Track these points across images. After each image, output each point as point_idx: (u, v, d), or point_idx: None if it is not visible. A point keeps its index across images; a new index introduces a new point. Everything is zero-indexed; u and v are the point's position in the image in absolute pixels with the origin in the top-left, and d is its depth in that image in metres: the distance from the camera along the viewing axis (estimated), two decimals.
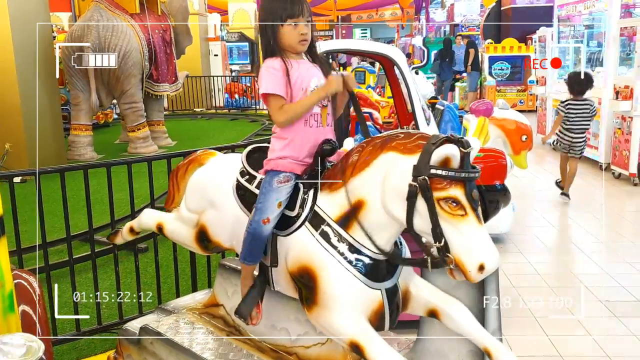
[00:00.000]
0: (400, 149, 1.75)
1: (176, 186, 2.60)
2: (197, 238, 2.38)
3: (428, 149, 1.66)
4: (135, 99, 9.11)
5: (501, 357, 1.82)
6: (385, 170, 1.77)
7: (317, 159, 2.04)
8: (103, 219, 4.25)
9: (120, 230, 2.80)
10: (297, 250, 1.98)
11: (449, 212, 1.64)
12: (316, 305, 1.90)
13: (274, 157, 2.07)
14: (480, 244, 1.64)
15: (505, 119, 4.91)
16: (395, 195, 1.74)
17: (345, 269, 1.86)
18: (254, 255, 2.06)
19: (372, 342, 1.81)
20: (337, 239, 1.89)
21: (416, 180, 1.66)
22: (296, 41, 2.04)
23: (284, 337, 2.32)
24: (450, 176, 1.64)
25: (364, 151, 1.86)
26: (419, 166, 1.67)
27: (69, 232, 3.24)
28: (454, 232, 1.65)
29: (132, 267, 3.46)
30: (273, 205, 1.99)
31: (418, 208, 1.69)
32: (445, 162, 1.65)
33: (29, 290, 2.17)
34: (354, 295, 1.86)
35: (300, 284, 1.98)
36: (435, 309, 1.97)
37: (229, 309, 2.57)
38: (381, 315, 1.90)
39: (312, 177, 2.03)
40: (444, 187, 1.64)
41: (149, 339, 2.56)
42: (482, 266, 1.63)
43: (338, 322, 1.86)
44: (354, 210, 1.87)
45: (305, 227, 1.96)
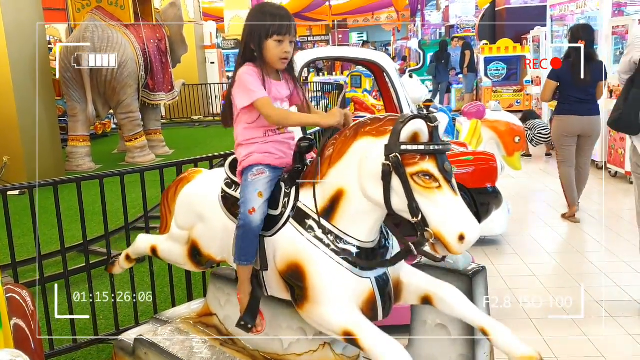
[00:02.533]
0: (372, 133, 1.79)
1: (168, 209, 2.62)
2: (190, 254, 2.40)
3: (397, 127, 1.71)
4: (132, 109, 9.14)
5: (497, 333, 1.83)
6: (360, 156, 1.81)
7: (297, 157, 2.07)
8: (99, 230, 4.27)
9: (117, 260, 2.82)
10: (284, 248, 1.99)
11: (423, 186, 1.67)
12: (307, 301, 1.91)
13: (240, 159, 2.15)
14: (458, 214, 1.66)
15: (498, 121, 4.94)
16: (372, 178, 1.77)
17: (332, 260, 1.88)
18: (247, 253, 2.06)
19: (365, 330, 1.80)
20: (322, 232, 1.91)
21: (388, 158, 1.70)
22: (278, 58, 2.07)
23: (277, 345, 2.33)
24: (420, 150, 1.67)
25: (338, 142, 1.90)
26: (389, 145, 1.71)
27: (63, 244, 3.25)
28: (430, 205, 1.67)
29: (127, 278, 3.47)
30: (253, 196, 2.02)
31: (394, 186, 1.72)
32: (414, 138, 1.69)
33: (22, 304, 2.19)
34: (344, 286, 1.87)
35: (291, 283, 1.99)
36: (428, 294, 1.97)
37: (222, 318, 2.59)
38: (373, 304, 1.91)
39: (293, 175, 2.06)
40: (416, 162, 1.67)
41: (144, 349, 2.58)
42: (462, 236, 1.63)
43: (329, 314, 1.86)
44: (335, 200, 1.89)
45: (290, 223, 1.99)
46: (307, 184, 2.00)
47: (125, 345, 2.68)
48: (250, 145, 2.12)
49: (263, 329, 2.25)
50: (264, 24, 2.05)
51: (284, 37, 2.05)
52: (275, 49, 2.06)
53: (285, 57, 2.08)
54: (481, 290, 2.16)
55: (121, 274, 4.04)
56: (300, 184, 2.03)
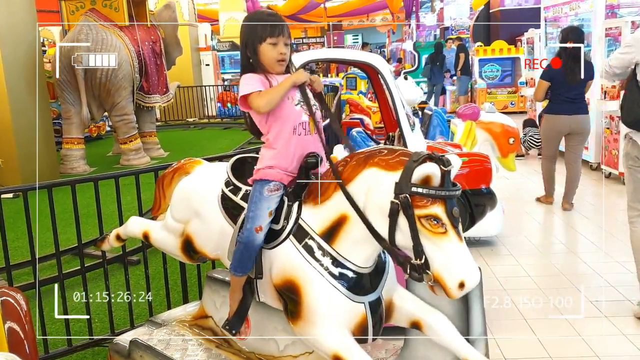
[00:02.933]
0: (383, 165, 1.78)
1: (162, 193, 2.63)
2: (183, 247, 2.40)
3: (409, 166, 1.69)
4: (127, 111, 9.13)
5: None
6: (368, 186, 1.80)
7: (302, 172, 2.06)
8: (94, 233, 4.25)
9: (107, 237, 2.81)
10: (281, 263, 2.00)
11: (430, 230, 1.67)
12: (300, 319, 1.94)
13: (262, 166, 2.09)
14: (461, 261, 1.67)
15: (492, 122, 4.96)
16: (378, 211, 1.77)
17: (328, 283, 1.89)
18: (244, 266, 2.07)
19: (355, 356, 1.84)
20: (321, 253, 1.91)
21: (398, 197, 1.69)
22: (274, 60, 2.07)
23: (272, 348, 2.33)
24: (431, 194, 1.67)
25: (348, 166, 1.89)
26: (400, 184, 1.70)
27: (57, 247, 3.24)
28: (434, 249, 1.68)
29: (122, 281, 3.46)
30: (264, 214, 2.02)
31: (400, 225, 1.72)
32: (426, 180, 1.68)
33: (16, 308, 2.18)
34: (338, 310, 1.89)
35: (285, 297, 2.00)
36: (418, 320, 2.00)
37: (217, 320, 2.59)
38: (364, 327, 1.93)
39: (297, 190, 2.05)
40: (425, 205, 1.67)
41: (139, 352, 2.57)
42: (462, 283, 1.66)
43: (321, 336, 1.89)
44: (338, 224, 1.89)
45: (290, 240, 1.99)
46: (311, 202, 2.00)
47: (121, 348, 2.68)
48: (278, 157, 2.06)
49: (247, 335, 2.26)
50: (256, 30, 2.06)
51: (277, 39, 2.06)
52: (271, 52, 2.06)
53: (281, 58, 2.08)
54: (476, 292, 2.16)
55: (116, 276, 4.07)
56: (303, 199, 2.03)
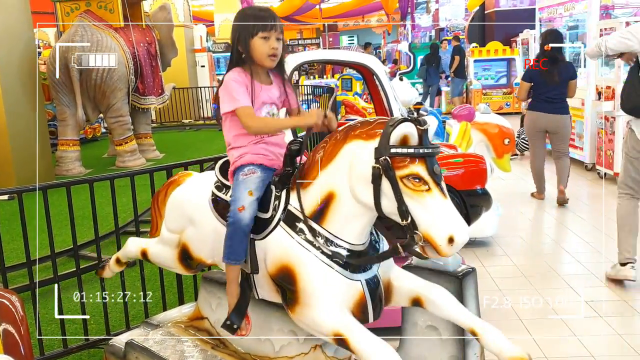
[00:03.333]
0: (362, 137, 1.80)
1: (158, 212, 2.62)
2: (180, 258, 2.41)
3: (386, 131, 1.72)
4: (122, 113, 9.11)
5: (487, 334, 1.84)
6: (350, 159, 1.82)
7: (287, 160, 2.08)
8: (89, 234, 4.24)
9: (108, 264, 2.82)
10: (274, 251, 2.00)
11: (413, 189, 1.68)
12: (298, 304, 1.93)
13: (233, 160, 2.16)
14: (447, 216, 1.67)
15: (487, 123, 4.98)
16: (362, 180, 1.78)
17: (322, 262, 1.89)
18: (236, 252, 2.06)
19: (356, 332, 1.81)
20: (313, 235, 1.92)
21: (378, 161, 1.71)
22: (266, 55, 2.09)
23: (268, 348, 2.33)
24: (409, 153, 1.69)
25: (328, 145, 1.91)
26: (379, 148, 1.72)
27: (53, 249, 3.24)
28: (419, 207, 1.68)
29: (118, 282, 3.45)
30: (244, 194, 2.03)
31: (383, 189, 1.73)
32: (404, 141, 1.70)
33: (11, 310, 2.17)
34: (334, 288, 1.88)
35: (282, 286, 2.00)
36: (418, 296, 1.98)
37: (213, 321, 2.58)
38: (363, 307, 1.92)
39: (284, 178, 2.07)
40: (406, 165, 1.69)
41: (135, 354, 2.57)
42: (451, 238, 1.65)
43: (320, 317, 1.87)
44: (326, 203, 1.90)
45: (280, 227, 2.00)
46: (297, 187, 2.01)
47: (116, 349, 2.68)
48: (243, 147, 2.14)
49: (248, 332, 2.25)
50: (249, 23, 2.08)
51: (269, 34, 2.07)
52: (262, 46, 2.07)
53: (273, 53, 2.09)
54: (471, 292, 2.17)
55: (112, 279, 4.05)
56: (290, 186, 2.04)
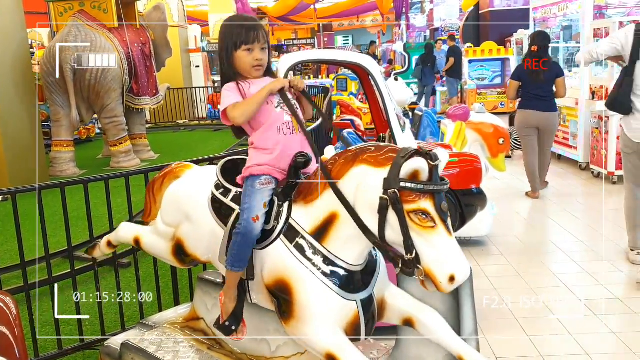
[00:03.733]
0: (371, 162, 1.79)
1: (153, 199, 2.62)
2: (174, 252, 2.40)
3: (398, 162, 1.70)
4: (116, 113, 9.09)
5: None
6: (357, 183, 1.81)
7: (292, 171, 2.07)
8: (84, 236, 4.23)
9: (98, 244, 2.81)
10: (272, 263, 2.00)
11: (419, 224, 1.68)
12: (292, 319, 1.93)
13: (251, 164, 2.10)
14: (450, 255, 1.68)
15: (482, 123, 4.99)
16: (367, 207, 1.77)
17: (320, 281, 1.89)
18: (241, 259, 2.05)
19: (348, 354, 1.84)
20: (312, 252, 1.92)
21: (387, 193, 1.70)
22: (250, 66, 2.09)
23: (264, 348, 2.33)
24: (419, 189, 1.67)
25: (337, 164, 1.89)
26: (389, 179, 1.70)
27: (47, 250, 3.23)
28: (424, 243, 1.69)
29: (113, 283, 3.45)
30: (260, 205, 2.02)
31: (389, 220, 1.73)
32: (414, 175, 1.68)
33: (6, 311, 2.17)
34: (330, 308, 1.89)
35: (277, 297, 2.00)
36: (410, 317, 2.01)
37: (209, 322, 2.58)
38: (357, 325, 1.93)
39: (287, 190, 2.06)
40: (414, 200, 1.68)
41: (130, 354, 2.56)
42: (452, 277, 1.67)
43: (314, 335, 1.88)
44: (328, 222, 1.90)
45: (281, 240, 1.99)
46: (301, 201, 2.00)
47: (112, 350, 2.67)
48: (265, 155, 2.08)
49: (244, 335, 2.25)
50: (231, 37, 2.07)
51: (252, 46, 2.07)
52: (246, 58, 2.08)
53: (257, 64, 2.09)
54: (467, 290, 2.17)
55: (107, 279, 4.05)
56: (293, 199, 2.03)
